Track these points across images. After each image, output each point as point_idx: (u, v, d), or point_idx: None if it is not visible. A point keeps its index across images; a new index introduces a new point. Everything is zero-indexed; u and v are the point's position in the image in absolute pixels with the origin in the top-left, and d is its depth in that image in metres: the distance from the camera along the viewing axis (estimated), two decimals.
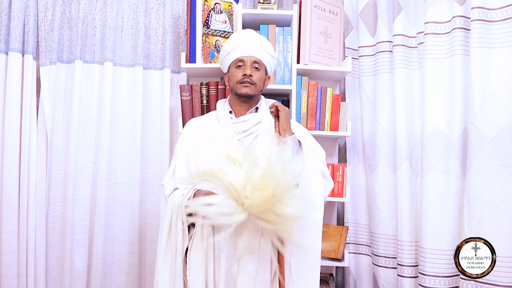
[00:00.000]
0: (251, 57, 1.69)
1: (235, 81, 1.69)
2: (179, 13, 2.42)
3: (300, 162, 1.59)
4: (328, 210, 2.39)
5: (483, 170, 1.79)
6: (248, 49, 1.69)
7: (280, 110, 1.61)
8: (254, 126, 1.69)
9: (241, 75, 1.67)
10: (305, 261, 1.57)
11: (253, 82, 1.67)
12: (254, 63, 1.69)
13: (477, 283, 1.78)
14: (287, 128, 1.61)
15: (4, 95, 2.20)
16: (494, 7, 1.82)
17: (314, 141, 1.78)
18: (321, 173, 1.70)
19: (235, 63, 1.70)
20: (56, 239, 2.27)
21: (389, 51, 2.20)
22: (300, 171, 1.59)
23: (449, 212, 1.92)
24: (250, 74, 1.67)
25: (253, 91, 1.69)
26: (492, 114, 1.79)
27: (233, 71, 1.70)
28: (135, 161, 2.31)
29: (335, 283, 2.37)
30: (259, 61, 1.70)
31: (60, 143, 2.28)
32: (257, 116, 1.71)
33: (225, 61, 1.74)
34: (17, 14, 2.19)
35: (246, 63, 1.68)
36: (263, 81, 1.74)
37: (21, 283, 2.17)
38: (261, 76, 1.71)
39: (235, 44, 1.71)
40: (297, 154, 1.60)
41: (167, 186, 1.68)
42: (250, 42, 1.71)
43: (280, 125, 1.61)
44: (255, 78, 1.68)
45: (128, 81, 2.34)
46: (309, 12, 2.18)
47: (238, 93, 1.69)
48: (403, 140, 2.11)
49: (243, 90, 1.67)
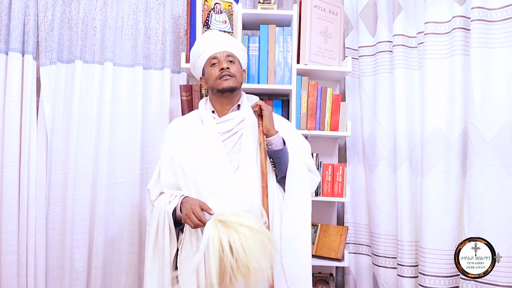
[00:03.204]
0: (224, 51, 1.69)
1: (213, 79, 1.67)
2: (179, 13, 2.42)
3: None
4: (328, 210, 2.39)
5: (483, 170, 1.79)
6: (219, 45, 1.69)
7: (263, 110, 1.61)
8: (238, 125, 1.68)
9: (218, 71, 1.66)
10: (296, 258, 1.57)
11: (232, 74, 1.67)
12: (228, 57, 1.69)
13: (477, 283, 1.78)
14: (271, 127, 1.61)
15: (4, 95, 2.20)
16: (494, 7, 1.82)
17: (298, 136, 1.78)
18: (307, 167, 1.70)
19: (209, 62, 1.69)
20: (56, 239, 2.27)
21: (389, 51, 2.20)
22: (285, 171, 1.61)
23: (449, 212, 1.92)
24: (228, 67, 1.66)
25: (235, 83, 1.67)
26: (492, 114, 1.79)
27: (209, 71, 1.69)
28: (135, 161, 2.31)
29: (335, 283, 2.37)
30: (232, 54, 1.70)
31: (60, 143, 2.28)
32: (240, 114, 1.70)
33: (198, 64, 1.73)
34: (17, 14, 2.19)
35: (220, 58, 1.68)
36: (241, 74, 1.73)
37: (21, 283, 2.17)
38: (237, 68, 1.71)
39: (204, 44, 1.71)
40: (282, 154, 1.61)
41: (153, 191, 1.67)
42: (218, 39, 1.72)
43: (264, 125, 1.61)
44: (232, 70, 1.67)
45: (128, 81, 2.34)
46: (309, 12, 2.18)
47: (220, 89, 1.67)
48: (403, 140, 2.11)
49: (225, 84, 1.66)
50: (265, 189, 1.58)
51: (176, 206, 1.56)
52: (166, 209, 1.56)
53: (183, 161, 1.63)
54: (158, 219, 1.58)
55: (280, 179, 1.65)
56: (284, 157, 1.62)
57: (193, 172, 1.60)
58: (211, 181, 1.59)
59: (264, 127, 1.61)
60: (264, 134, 1.61)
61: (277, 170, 1.64)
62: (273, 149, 1.61)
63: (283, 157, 1.62)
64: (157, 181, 1.67)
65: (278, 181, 1.66)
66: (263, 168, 1.59)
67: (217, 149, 1.63)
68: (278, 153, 1.60)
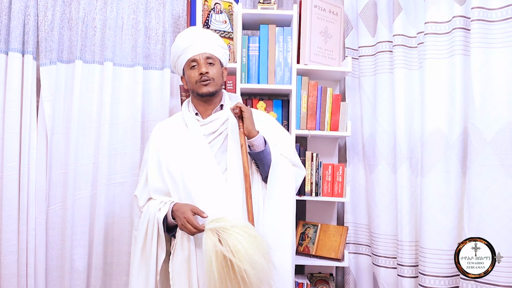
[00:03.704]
0: (203, 53, 1.66)
1: (193, 82, 1.66)
2: (179, 13, 2.42)
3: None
4: (328, 210, 2.39)
5: (483, 170, 1.79)
6: (198, 47, 1.66)
7: (244, 111, 1.59)
8: (222, 125, 1.68)
9: (198, 75, 1.65)
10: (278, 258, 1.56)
11: (210, 77, 1.65)
12: (207, 59, 1.66)
13: (477, 283, 1.77)
14: (252, 128, 1.60)
15: (4, 95, 2.19)
16: (494, 7, 1.82)
17: (280, 131, 1.77)
18: (291, 162, 1.70)
19: (188, 64, 1.67)
20: (56, 239, 2.27)
21: (389, 51, 2.20)
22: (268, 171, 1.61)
23: (449, 212, 1.92)
24: (207, 72, 1.64)
25: (214, 87, 1.66)
26: (492, 114, 1.79)
27: (189, 73, 1.68)
28: (135, 161, 2.31)
29: (335, 283, 2.37)
30: (211, 56, 1.68)
31: (60, 143, 2.28)
32: (224, 114, 1.69)
33: (178, 64, 1.72)
34: (17, 14, 2.19)
35: (200, 61, 1.66)
36: (221, 74, 1.72)
37: (21, 283, 2.17)
38: (217, 70, 1.69)
39: (184, 45, 1.68)
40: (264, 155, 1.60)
41: (141, 197, 1.66)
42: (196, 40, 1.68)
43: (245, 127, 1.59)
44: (211, 74, 1.65)
45: (128, 81, 2.34)
46: (309, 12, 2.18)
47: (199, 93, 1.66)
48: (403, 140, 2.10)
49: (204, 90, 1.65)
50: (249, 191, 1.57)
51: (167, 213, 1.56)
52: (156, 216, 1.57)
53: (170, 166, 1.63)
54: (147, 226, 1.59)
55: (265, 178, 1.64)
56: (266, 158, 1.61)
57: (181, 176, 1.60)
58: (200, 184, 1.59)
59: (245, 129, 1.59)
60: (246, 135, 1.60)
61: (260, 170, 1.64)
62: (255, 151, 1.60)
63: (265, 158, 1.61)
64: (144, 187, 1.67)
65: (263, 180, 1.65)
66: (246, 170, 1.58)
67: (204, 151, 1.63)
68: (259, 154, 1.60)
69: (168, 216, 1.57)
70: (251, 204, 1.56)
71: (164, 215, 1.57)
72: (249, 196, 1.56)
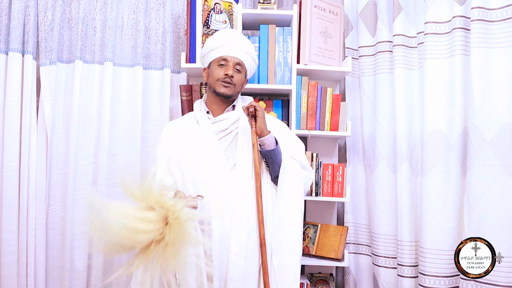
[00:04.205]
0: (235, 58, 1.69)
1: (215, 79, 1.69)
2: (179, 13, 2.42)
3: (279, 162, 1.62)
4: (328, 210, 2.39)
5: (483, 170, 1.79)
6: (233, 50, 1.69)
7: (257, 110, 1.61)
8: (232, 124, 1.70)
9: (223, 74, 1.67)
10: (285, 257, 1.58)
11: (233, 82, 1.68)
12: (236, 65, 1.70)
13: (477, 283, 1.77)
14: (264, 128, 1.61)
15: (4, 95, 2.20)
16: (494, 7, 1.82)
17: (291, 135, 1.79)
18: (300, 165, 1.71)
19: (218, 61, 1.70)
20: (56, 239, 2.27)
21: (389, 51, 2.20)
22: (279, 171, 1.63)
23: (449, 212, 1.92)
24: (232, 75, 1.67)
25: (231, 92, 1.69)
26: (492, 114, 1.79)
27: (214, 68, 1.70)
28: (135, 161, 2.31)
29: (335, 283, 2.37)
30: (241, 63, 1.71)
31: (60, 143, 2.28)
32: (235, 114, 1.72)
33: (207, 57, 1.74)
34: (17, 14, 2.19)
35: (229, 63, 1.69)
36: (242, 83, 1.75)
37: (21, 283, 2.17)
38: (241, 78, 1.72)
39: (221, 42, 1.70)
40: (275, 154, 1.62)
41: None
42: (235, 43, 1.71)
43: (257, 126, 1.61)
44: (235, 79, 1.69)
45: (128, 81, 2.34)
46: (309, 12, 2.18)
47: (216, 91, 1.69)
48: (403, 140, 2.10)
49: (222, 90, 1.68)
50: (259, 190, 1.60)
51: None
52: None
53: (179, 160, 1.64)
54: None
55: (274, 178, 1.66)
56: (277, 157, 1.63)
57: (190, 170, 1.62)
58: (207, 177, 1.60)
59: (258, 128, 1.61)
60: (258, 134, 1.62)
61: (270, 169, 1.65)
62: (266, 149, 1.62)
63: (276, 157, 1.63)
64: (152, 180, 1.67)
65: (273, 180, 1.67)
66: (257, 169, 1.61)
67: (213, 147, 1.65)
68: (270, 153, 1.61)
69: None
70: (261, 203, 1.59)
71: None
72: (260, 195, 1.59)
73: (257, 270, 1.59)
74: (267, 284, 1.55)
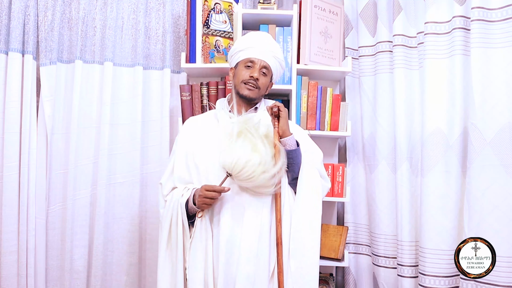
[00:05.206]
0: (262, 61, 1.68)
1: (240, 80, 1.68)
2: (179, 13, 2.42)
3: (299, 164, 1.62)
4: (328, 210, 2.39)
5: (483, 170, 1.79)
6: (261, 53, 1.68)
7: (281, 111, 1.60)
8: None
9: (248, 76, 1.66)
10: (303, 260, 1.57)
11: (257, 86, 1.67)
12: (263, 68, 1.68)
13: (477, 283, 1.77)
14: (286, 128, 1.61)
15: (4, 95, 2.20)
16: (494, 7, 1.82)
17: (311, 142, 1.79)
18: (318, 173, 1.70)
19: (245, 62, 1.69)
20: (56, 239, 2.27)
21: (389, 51, 2.20)
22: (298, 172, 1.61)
23: (449, 212, 1.92)
24: (257, 78, 1.66)
25: (255, 95, 1.68)
26: (492, 114, 1.79)
27: (240, 69, 1.69)
28: (135, 161, 2.31)
29: (335, 283, 2.37)
30: (268, 67, 1.69)
31: (60, 143, 2.28)
32: (256, 115, 1.71)
33: (235, 57, 1.73)
34: (17, 14, 2.19)
35: (256, 65, 1.67)
36: (266, 87, 1.74)
37: (21, 283, 2.17)
38: (266, 81, 1.71)
39: (250, 44, 1.69)
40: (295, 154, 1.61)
41: (166, 185, 1.68)
42: (264, 46, 1.69)
43: (280, 126, 1.60)
44: (260, 82, 1.67)
45: (128, 81, 2.34)
46: (309, 12, 2.18)
47: (239, 93, 1.68)
48: (403, 140, 2.10)
49: (245, 92, 1.67)
50: (279, 190, 1.58)
51: (188, 198, 1.57)
52: (180, 201, 1.58)
53: (197, 158, 1.64)
54: (171, 213, 1.60)
55: (291, 180, 1.65)
56: (297, 158, 1.62)
57: (206, 169, 1.62)
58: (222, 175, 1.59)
59: (280, 128, 1.60)
60: (280, 135, 1.61)
61: (289, 170, 1.63)
62: (287, 149, 1.61)
63: (296, 158, 1.62)
64: (170, 176, 1.69)
65: (290, 182, 1.65)
66: None
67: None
68: (291, 153, 1.60)
69: (190, 201, 1.58)
70: (280, 203, 1.57)
71: (186, 200, 1.58)
72: (279, 195, 1.58)
73: (267, 272, 1.56)
74: (281, 283, 1.53)
